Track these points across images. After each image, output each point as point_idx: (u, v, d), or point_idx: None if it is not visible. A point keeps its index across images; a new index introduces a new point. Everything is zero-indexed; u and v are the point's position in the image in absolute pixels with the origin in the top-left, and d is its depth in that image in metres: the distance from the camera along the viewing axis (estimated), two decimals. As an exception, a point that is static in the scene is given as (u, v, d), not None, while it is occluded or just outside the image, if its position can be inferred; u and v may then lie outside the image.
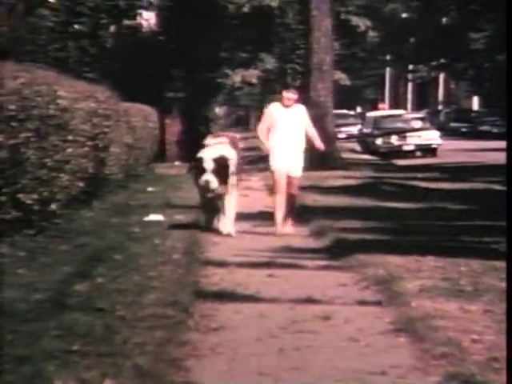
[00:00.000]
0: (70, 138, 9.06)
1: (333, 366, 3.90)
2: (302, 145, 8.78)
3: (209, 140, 8.80)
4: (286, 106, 8.73)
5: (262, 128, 8.82)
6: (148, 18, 27.44)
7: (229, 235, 8.26)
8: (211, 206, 8.46)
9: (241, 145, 9.37)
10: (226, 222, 8.36)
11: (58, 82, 9.04)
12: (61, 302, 4.89)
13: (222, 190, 8.30)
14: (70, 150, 9.04)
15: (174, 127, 25.79)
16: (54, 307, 4.75)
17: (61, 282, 5.51)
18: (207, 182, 8.23)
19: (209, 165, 8.25)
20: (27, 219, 7.43)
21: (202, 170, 8.25)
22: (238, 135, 9.64)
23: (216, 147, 8.48)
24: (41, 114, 7.94)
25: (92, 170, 10.63)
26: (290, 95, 8.79)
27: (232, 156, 8.44)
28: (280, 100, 8.80)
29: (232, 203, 8.43)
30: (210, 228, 8.48)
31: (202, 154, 8.41)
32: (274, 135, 8.73)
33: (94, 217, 9.55)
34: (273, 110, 8.80)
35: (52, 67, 10.68)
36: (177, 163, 22.86)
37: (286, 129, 8.68)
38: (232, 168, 8.37)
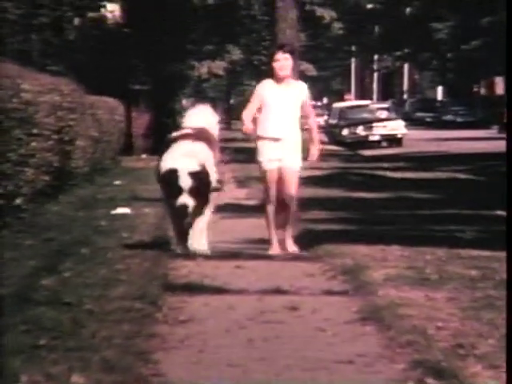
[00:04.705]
0: (34, 131, 8.98)
1: (300, 356, 3.93)
2: (299, 134, 6.84)
3: (175, 135, 6.84)
4: (280, 81, 6.71)
5: (248, 111, 6.79)
6: (112, 10, 27.21)
7: (194, 255, 6.52)
8: (184, 225, 6.66)
9: (216, 139, 7.07)
10: (194, 239, 6.65)
11: (21, 75, 8.94)
12: (27, 296, 4.86)
13: (198, 212, 6.52)
14: (34, 144, 8.97)
15: (141, 120, 25.65)
16: (20, 302, 4.71)
17: (27, 277, 5.47)
18: (184, 207, 6.39)
19: (186, 182, 6.36)
20: (-8, 214, 7.36)
21: (177, 189, 6.36)
22: (212, 127, 7.06)
23: (191, 151, 6.49)
24: (4, 107, 7.85)
25: (57, 163, 10.55)
26: (283, 56, 6.65)
27: (210, 160, 6.61)
28: (271, 73, 6.76)
29: (204, 219, 6.67)
30: (183, 250, 6.68)
31: (176, 163, 6.41)
32: (264, 122, 6.77)
33: (60, 211, 9.48)
34: (264, 87, 6.77)
35: (15, 60, 10.55)
36: (144, 156, 22.75)
37: (280, 113, 6.72)
38: (213, 181, 6.55)
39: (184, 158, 6.42)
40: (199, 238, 6.63)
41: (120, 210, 9.50)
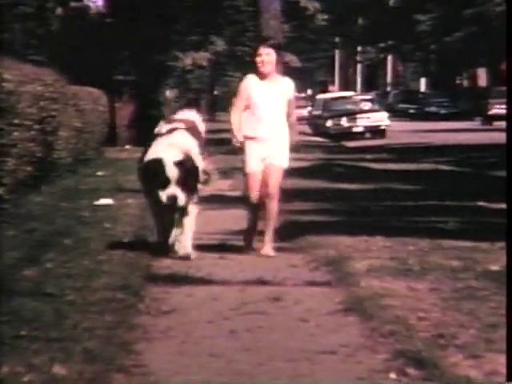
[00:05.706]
0: (16, 121, 8.92)
1: (283, 347, 3.94)
2: (286, 131, 6.62)
3: (162, 127, 6.51)
4: (264, 77, 6.42)
5: (235, 112, 6.47)
6: (95, 0, 27.05)
7: (187, 257, 6.20)
8: (167, 220, 6.34)
9: (202, 130, 6.78)
10: (185, 241, 6.29)
11: (2, 64, 8.88)
12: (9, 287, 4.84)
13: (185, 203, 6.17)
14: (16, 134, 8.91)
15: (125, 110, 25.54)
16: (1, 292, 4.69)
17: (9, 268, 5.44)
18: (173, 199, 6.01)
19: (172, 172, 6.01)
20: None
21: (164, 180, 6.00)
22: (196, 118, 6.82)
23: (176, 141, 6.22)
24: (-14, 97, 7.80)
25: (40, 154, 10.48)
26: (265, 51, 6.39)
27: (195, 149, 6.32)
28: (255, 68, 6.44)
29: (192, 217, 6.35)
30: (165, 247, 6.32)
31: (160, 153, 6.08)
32: (250, 120, 6.43)
33: (43, 201, 9.43)
34: (249, 85, 6.42)
35: (-3, 50, 10.47)
36: (127, 147, 22.67)
37: (267, 111, 6.43)
38: (200, 171, 6.27)
39: (167, 148, 6.14)
40: (189, 241, 6.30)
41: (103, 201, 9.47)
